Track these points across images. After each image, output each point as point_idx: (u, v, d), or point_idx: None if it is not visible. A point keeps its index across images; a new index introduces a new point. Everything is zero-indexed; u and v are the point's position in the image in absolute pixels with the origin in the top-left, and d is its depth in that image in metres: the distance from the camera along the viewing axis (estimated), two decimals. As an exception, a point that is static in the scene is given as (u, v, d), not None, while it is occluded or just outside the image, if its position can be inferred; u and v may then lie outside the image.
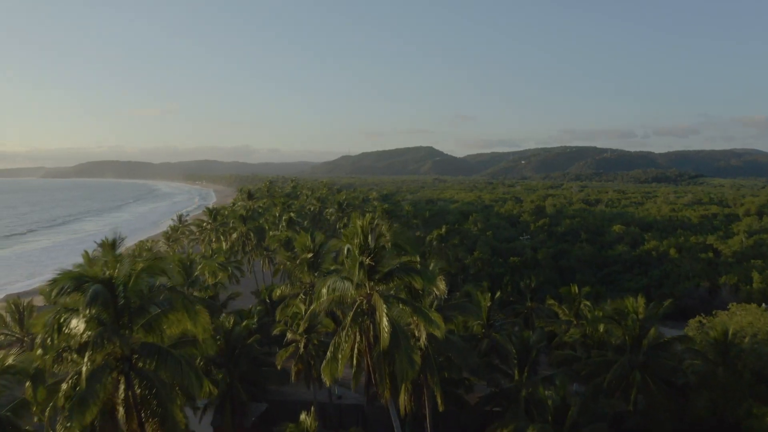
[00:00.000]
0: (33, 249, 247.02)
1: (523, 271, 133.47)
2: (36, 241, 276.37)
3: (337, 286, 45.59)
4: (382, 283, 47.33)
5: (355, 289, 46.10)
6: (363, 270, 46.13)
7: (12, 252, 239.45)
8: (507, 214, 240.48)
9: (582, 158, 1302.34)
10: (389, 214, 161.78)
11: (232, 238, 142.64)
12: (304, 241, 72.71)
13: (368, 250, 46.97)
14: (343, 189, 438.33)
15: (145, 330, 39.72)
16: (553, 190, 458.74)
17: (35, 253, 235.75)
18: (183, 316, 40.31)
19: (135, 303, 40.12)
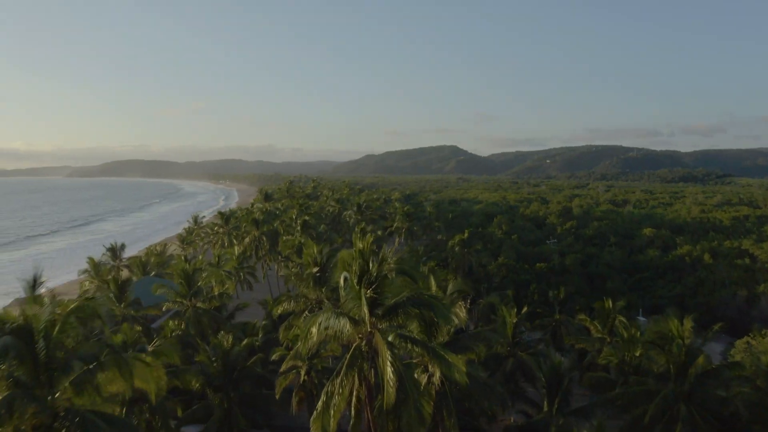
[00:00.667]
0: (49, 250, 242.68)
1: (551, 277, 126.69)
2: (52, 242, 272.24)
3: (330, 324, 37.39)
4: (386, 320, 39.30)
5: (353, 326, 38.15)
6: (363, 303, 38.55)
7: (26, 254, 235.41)
8: (532, 215, 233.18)
9: (607, 157, 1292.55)
10: (410, 217, 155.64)
11: (244, 243, 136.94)
12: (311, 253, 66.12)
13: (369, 279, 39.38)
14: (365, 189, 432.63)
15: (75, 390, 31.62)
16: (579, 190, 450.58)
17: (50, 254, 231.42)
18: (116, 375, 32.36)
19: (59, 357, 32.34)
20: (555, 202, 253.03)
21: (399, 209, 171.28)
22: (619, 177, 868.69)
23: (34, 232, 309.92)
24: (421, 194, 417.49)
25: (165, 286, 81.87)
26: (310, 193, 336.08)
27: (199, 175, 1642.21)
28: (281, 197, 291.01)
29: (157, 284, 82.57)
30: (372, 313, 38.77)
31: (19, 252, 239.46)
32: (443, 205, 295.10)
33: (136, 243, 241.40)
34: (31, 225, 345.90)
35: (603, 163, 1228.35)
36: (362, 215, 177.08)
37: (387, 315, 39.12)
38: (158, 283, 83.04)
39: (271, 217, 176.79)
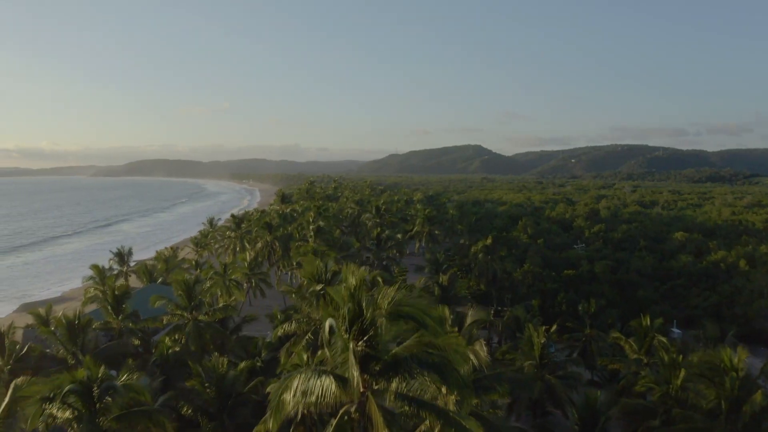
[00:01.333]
0: (64, 252, 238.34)
1: (579, 285, 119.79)
2: (70, 243, 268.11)
3: (310, 387, 29.05)
4: (383, 379, 30.27)
5: (340, 388, 29.50)
6: (352, 361, 29.61)
7: (42, 256, 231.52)
8: (559, 217, 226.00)
9: (633, 157, 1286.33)
10: (431, 220, 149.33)
11: (256, 248, 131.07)
12: (313, 270, 59.12)
13: (362, 327, 30.69)
14: (387, 189, 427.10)
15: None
16: (605, 191, 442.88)
17: (66, 256, 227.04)
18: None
19: None
20: (582, 203, 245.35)
21: (420, 212, 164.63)
22: (645, 177, 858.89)
23: (54, 233, 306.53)
24: (444, 195, 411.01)
25: (164, 298, 76.19)
26: (331, 194, 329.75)
27: (223, 175, 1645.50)
28: (300, 198, 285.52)
29: (155, 296, 76.82)
30: (365, 370, 30.25)
31: (34, 254, 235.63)
32: (466, 207, 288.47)
33: (153, 246, 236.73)
34: (51, 226, 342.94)
35: (628, 162, 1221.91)
36: (381, 218, 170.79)
37: (384, 373, 30.33)
38: (157, 295, 77.26)
39: (287, 221, 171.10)
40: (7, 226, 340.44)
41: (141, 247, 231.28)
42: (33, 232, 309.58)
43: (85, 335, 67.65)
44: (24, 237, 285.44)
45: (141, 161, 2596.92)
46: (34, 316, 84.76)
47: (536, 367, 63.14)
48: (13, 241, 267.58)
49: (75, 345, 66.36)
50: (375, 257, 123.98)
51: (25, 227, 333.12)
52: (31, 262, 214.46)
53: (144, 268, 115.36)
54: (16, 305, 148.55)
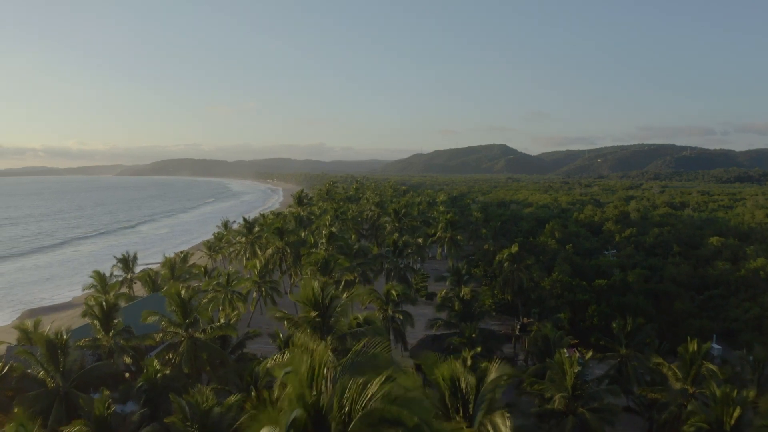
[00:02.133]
0: (78, 256, 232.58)
1: (611, 296, 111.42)
2: (87, 245, 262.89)
3: None
4: None
5: None
6: None
7: (53, 259, 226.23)
8: (587, 220, 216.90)
9: (660, 156, 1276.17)
10: (453, 225, 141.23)
11: (266, 254, 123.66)
12: (308, 294, 50.82)
13: None
14: (410, 189, 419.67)
15: None
16: (633, 191, 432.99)
17: (80, 259, 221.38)
18: None
19: None
20: (611, 206, 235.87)
21: (442, 217, 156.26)
22: (672, 177, 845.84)
23: (73, 234, 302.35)
24: (468, 195, 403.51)
25: (156, 314, 69.24)
26: (352, 195, 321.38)
27: (248, 174, 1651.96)
28: (320, 200, 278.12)
29: (146, 311, 69.89)
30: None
31: (48, 256, 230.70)
32: (491, 209, 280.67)
33: (170, 248, 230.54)
34: (70, 227, 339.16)
35: (655, 162, 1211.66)
36: (399, 222, 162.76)
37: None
38: (149, 310, 70.27)
39: (303, 224, 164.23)
40: (26, 227, 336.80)
41: (157, 250, 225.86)
42: (51, 233, 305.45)
43: (66, 356, 60.95)
44: (42, 239, 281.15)
45: (166, 161, 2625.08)
46: (20, 331, 78.53)
47: (568, 399, 55.60)
48: (31, 244, 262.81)
49: (55, 366, 59.90)
50: (392, 265, 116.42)
51: (45, 228, 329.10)
52: (44, 265, 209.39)
53: (147, 276, 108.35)
54: (21, 312, 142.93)
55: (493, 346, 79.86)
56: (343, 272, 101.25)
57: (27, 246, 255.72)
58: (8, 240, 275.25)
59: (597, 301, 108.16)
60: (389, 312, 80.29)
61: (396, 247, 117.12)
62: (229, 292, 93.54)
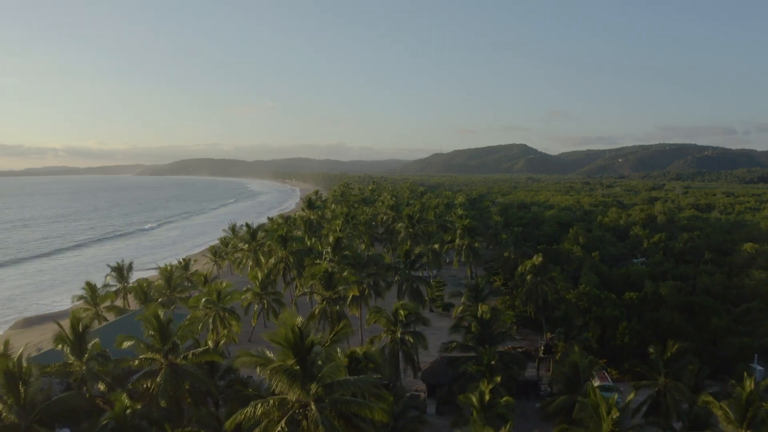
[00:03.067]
0: (86, 259, 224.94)
1: (643, 311, 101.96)
2: (95, 249, 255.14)
3: None
4: None
5: None
6: None
7: (60, 263, 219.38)
8: (612, 224, 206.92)
9: (681, 156, 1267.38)
10: (472, 232, 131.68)
11: (269, 264, 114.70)
12: (287, 334, 40.73)
13: None
14: (428, 190, 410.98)
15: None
16: (656, 192, 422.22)
17: (87, 263, 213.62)
18: None
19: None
20: (637, 209, 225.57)
21: (459, 224, 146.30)
22: (695, 177, 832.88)
23: (83, 237, 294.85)
24: (487, 196, 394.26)
25: (133, 338, 60.91)
26: (367, 196, 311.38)
27: (266, 174, 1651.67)
28: (334, 202, 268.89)
29: (121, 336, 61.55)
30: None
31: (53, 261, 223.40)
32: (511, 211, 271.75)
33: (182, 252, 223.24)
34: (82, 229, 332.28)
35: (677, 162, 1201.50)
36: (414, 228, 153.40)
37: None
38: (124, 335, 61.89)
39: (313, 229, 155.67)
40: (37, 230, 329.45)
41: (167, 254, 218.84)
42: (63, 235, 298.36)
43: (28, 386, 53.01)
44: (51, 242, 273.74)
45: (186, 160, 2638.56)
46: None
47: (605, 448, 46.64)
48: (39, 247, 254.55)
49: (15, 398, 52.13)
50: (404, 277, 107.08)
51: (56, 231, 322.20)
52: (49, 270, 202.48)
53: (140, 287, 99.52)
54: (14, 321, 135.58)
55: (515, 372, 71.03)
56: (350, 286, 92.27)
57: (35, 250, 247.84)
58: (17, 243, 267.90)
59: (628, 316, 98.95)
60: (397, 335, 71.44)
61: (408, 257, 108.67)
62: (220, 309, 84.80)
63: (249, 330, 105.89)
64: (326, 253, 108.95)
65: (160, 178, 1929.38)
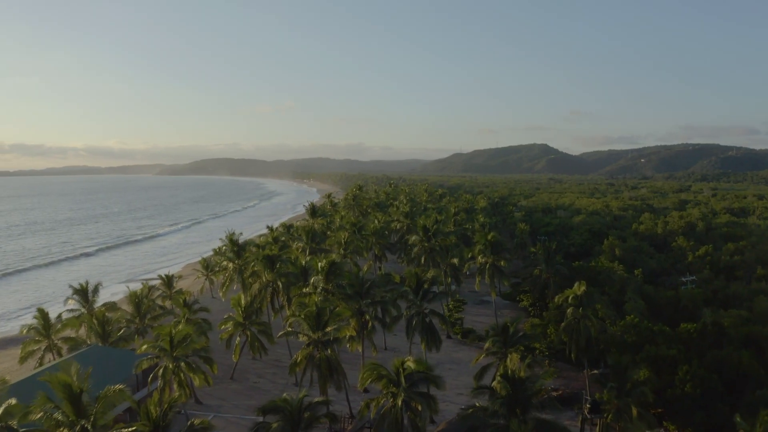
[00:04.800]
0: (70, 275, 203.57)
1: (704, 349, 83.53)
2: (88, 261, 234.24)
3: None
4: None
5: None
6: None
7: (49, 276, 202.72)
8: (648, 233, 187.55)
9: (705, 156, 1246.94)
10: (496, 247, 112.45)
11: (252, 290, 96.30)
12: None
13: None
14: (447, 193, 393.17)
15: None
16: (684, 195, 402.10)
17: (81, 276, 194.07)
18: None
19: None
20: (675, 215, 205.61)
21: (481, 240, 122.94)
22: (720, 178, 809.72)
23: (86, 244, 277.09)
24: (509, 198, 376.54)
25: (39, 408, 44.14)
26: (382, 200, 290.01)
27: (285, 174, 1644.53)
28: (346, 206, 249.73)
29: (15, 406, 44.68)
30: None
31: (46, 272, 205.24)
32: (536, 215, 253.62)
33: (178, 261, 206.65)
34: (88, 236, 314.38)
35: (700, 162, 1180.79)
36: (429, 242, 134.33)
37: None
38: (24, 404, 45.02)
39: (315, 240, 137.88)
40: (40, 236, 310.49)
41: (166, 263, 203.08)
42: (65, 243, 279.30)
43: None
44: (51, 251, 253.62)
45: (205, 160, 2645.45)
46: None
47: None
48: (34, 258, 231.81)
49: None
50: (415, 309, 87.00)
51: (60, 237, 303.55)
52: (34, 287, 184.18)
53: (97, 319, 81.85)
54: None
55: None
56: (344, 324, 74.13)
57: (30, 260, 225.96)
58: (14, 253, 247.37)
59: (686, 355, 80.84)
60: (399, 400, 53.21)
61: (420, 284, 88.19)
62: (170, 361, 66.02)
63: (231, 366, 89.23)
64: (317, 281, 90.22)
65: (179, 178, 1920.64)
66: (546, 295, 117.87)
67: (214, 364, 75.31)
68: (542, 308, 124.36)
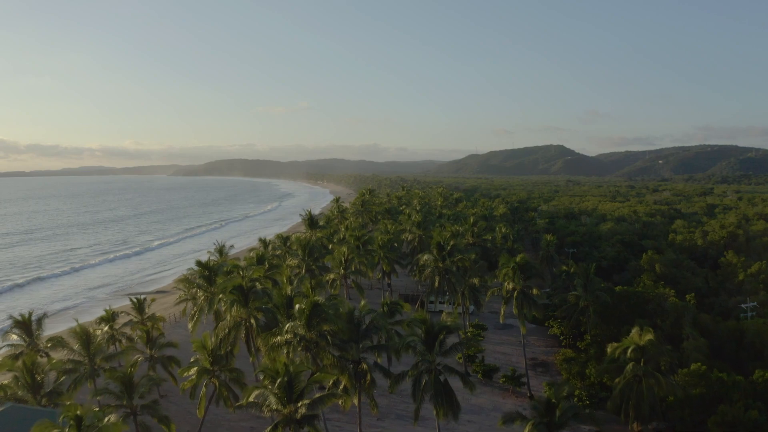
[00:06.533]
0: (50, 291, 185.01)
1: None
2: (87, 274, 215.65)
3: None
4: None
5: None
6: None
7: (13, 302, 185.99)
8: (688, 244, 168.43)
9: (723, 158, 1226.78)
10: (526, 270, 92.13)
11: (219, 331, 76.33)
12: None
13: None
14: (464, 197, 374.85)
15: None
16: (710, 198, 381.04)
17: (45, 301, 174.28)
18: None
19: None
20: (716, 224, 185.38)
21: (506, 265, 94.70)
22: (741, 180, 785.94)
23: (89, 250, 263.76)
24: (528, 202, 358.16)
25: None
26: (394, 206, 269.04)
27: (299, 175, 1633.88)
28: (355, 213, 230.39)
29: None
30: None
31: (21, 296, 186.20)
32: (559, 222, 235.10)
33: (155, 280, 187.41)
34: (86, 245, 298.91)
35: (719, 164, 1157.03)
36: (444, 262, 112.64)
37: None
38: None
39: (313, 256, 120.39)
40: (36, 244, 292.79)
41: (158, 278, 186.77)
42: (60, 252, 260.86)
43: None
44: (40, 261, 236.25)
45: (219, 161, 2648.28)
46: None
47: None
48: (24, 272, 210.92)
49: None
50: (425, 365, 64.28)
51: (59, 245, 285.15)
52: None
53: (21, 364, 64.73)
54: None
55: None
56: (327, 397, 52.88)
57: (17, 275, 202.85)
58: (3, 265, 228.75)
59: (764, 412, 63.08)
60: None
61: (431, 333, 64.14)
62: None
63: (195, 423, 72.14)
64: (294, 327, 65.08)
65: (192, 179, 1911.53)
66: (581, 322, 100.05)
67: (171, 425, 58.81)
68: (576, 337, 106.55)
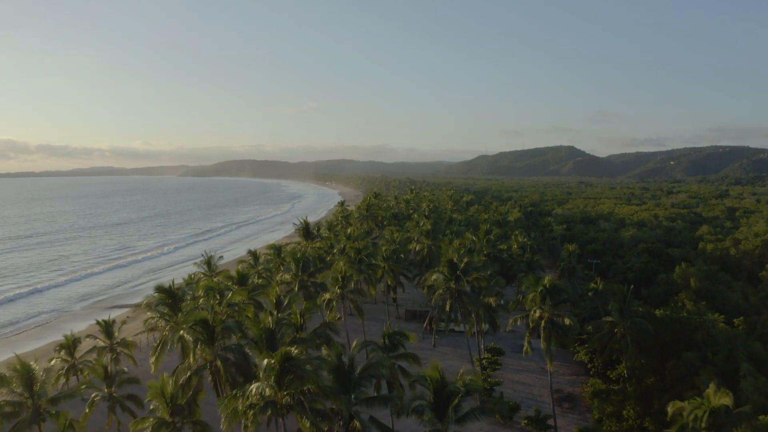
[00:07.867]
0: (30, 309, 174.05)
1: None
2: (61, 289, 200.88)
3: None
4: None
5: None
6: None
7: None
8: (719, 253, 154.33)
9: (735, 159, 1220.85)
10: (554, 295, 75.83)
11: (181, 375, 61.20)
12: None
13: None
14: (475, 200, 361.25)
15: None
16: (728, 201, 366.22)
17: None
18: None
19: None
20: (749, 232, 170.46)
21: (533, 283, 78.54)
22: (755, 181, 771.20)
23: (82, 261, 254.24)
24: (541, 205, 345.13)
25: None
26: (401, 210, 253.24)
27: (307, 176, 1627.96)
28: (359, 218, 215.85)
29: None
30: None
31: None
32: (576, 228, 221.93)
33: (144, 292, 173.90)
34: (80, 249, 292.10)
35: (732, 165, 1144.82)
36: (457, 282, 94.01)
37: None
38: None
39: (306, 269, 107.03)
40: (31, 251, 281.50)
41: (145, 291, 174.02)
42: (53, 260, 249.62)
43: None
44: (30, 272, 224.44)
45: (229, 162, 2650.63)
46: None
47: None
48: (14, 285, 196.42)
49: None
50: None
51: (52, 252, 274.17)
52: None
53: None
54: None
55: None
56: None
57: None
58: None
59: None
60: None
61: (441, 395, 49.58)
62: None
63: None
64: (261, 389, 50.61)
65: (200, 179, 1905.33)
66: (614, 350, 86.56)
67: None
68: (606, 365, 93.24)
